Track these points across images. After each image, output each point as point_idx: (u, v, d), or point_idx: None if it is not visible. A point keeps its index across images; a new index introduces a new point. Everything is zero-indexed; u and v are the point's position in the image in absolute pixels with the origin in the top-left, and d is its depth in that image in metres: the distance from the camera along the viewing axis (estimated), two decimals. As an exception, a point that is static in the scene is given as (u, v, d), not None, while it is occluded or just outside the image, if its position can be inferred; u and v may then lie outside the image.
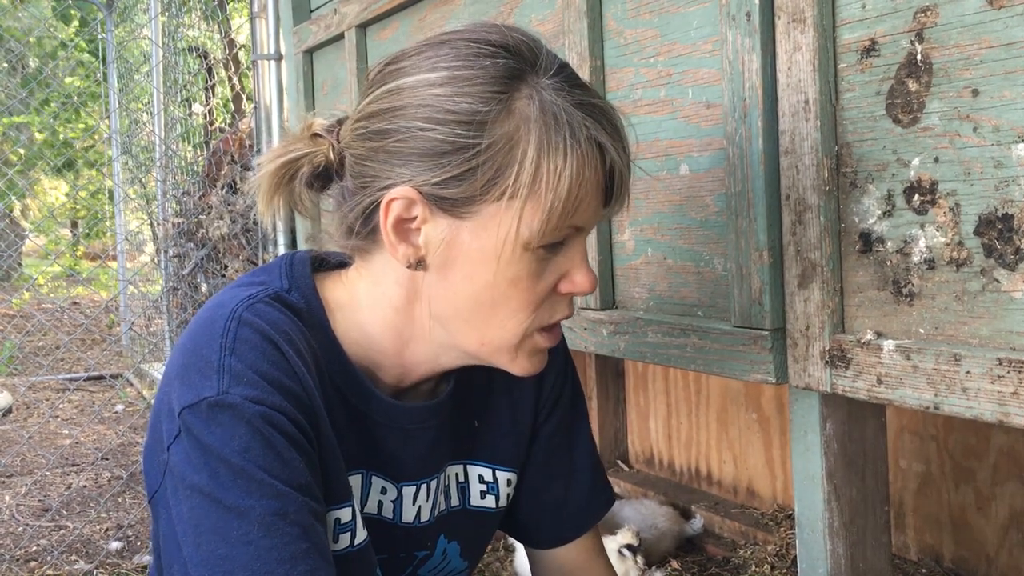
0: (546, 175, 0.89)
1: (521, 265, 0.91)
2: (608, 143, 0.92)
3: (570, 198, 0.90)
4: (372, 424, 1.00)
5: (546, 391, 1.16)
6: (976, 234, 0.97)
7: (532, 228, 0.90)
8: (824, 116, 1.12)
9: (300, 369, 0.90)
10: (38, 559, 2.86)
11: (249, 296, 0.93)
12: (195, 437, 0.84)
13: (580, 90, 0.93)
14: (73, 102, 8.32)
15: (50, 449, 4.05)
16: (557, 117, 0.89)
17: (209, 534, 0.83)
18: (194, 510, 0.84)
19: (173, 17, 4.73)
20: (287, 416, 0.87)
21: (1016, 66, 0.92)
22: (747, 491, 2.58)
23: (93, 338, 6.95)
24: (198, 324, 0.92)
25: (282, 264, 1.02)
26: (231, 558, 0.82)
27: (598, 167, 0.92)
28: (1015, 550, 1.91)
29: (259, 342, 0.88)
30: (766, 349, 1.20)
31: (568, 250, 0.94)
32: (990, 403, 0.95)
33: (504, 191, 0.89)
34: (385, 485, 1.03)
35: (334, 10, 2.48)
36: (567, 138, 0.89)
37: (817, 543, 1.21)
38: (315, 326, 0.97)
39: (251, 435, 0.84)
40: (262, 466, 0.84)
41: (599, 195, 0.94)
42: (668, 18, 1.38)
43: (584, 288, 0.95)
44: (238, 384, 0.85)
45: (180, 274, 4.00)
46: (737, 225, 1.24)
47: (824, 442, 1.20)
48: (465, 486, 1.12)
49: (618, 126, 0.94)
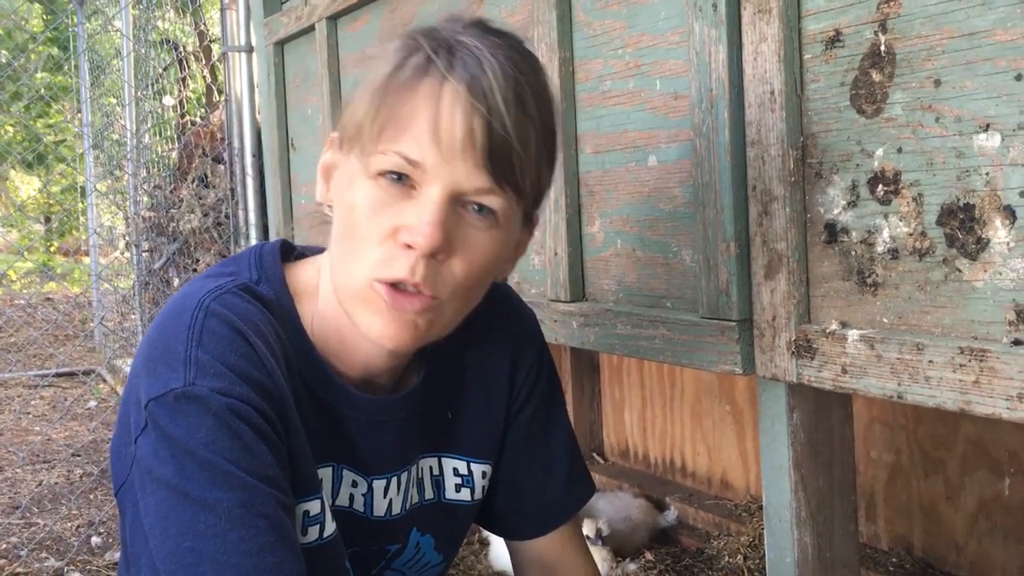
0: (361, 98, 0.90)
1: (362, 192, 0.89)
2: (445, 72, 0.86)
3: (377, 118, 0.88)
4: (340, 417, 1.00)
5: (519, 382, 1.16)
6: (939, 224, 0.97)
7: (354, 153, 0.91)
8: (790, 107, 1.12)
9: (268, 361, 0.89)
10: (8, 556, 2.83)
11: (217, 287, 0.92)
12: (161, 429, 0.83)
13: (470, 33, 0.90)
14: (44, 97, 8.22)
15: (21, 446, 4.00)
16: (398, 47, 0.90)
17: (176, 526, 0.82)
18: (161, 503, 0.83)
19: (144, 10, 4.68)
20: (254, 408, 0.86)
21: (977, 56, 0.92)
22: (721, 482, 2.59)
23: (66, 334, 6.88)
24: (166, 315, 0.91)
25: (252, 255, 1.01)
26: (198, 550, 0.81)
27: (429, 95, 0.86)
28: (984, 539, 1.93)
29: (227, 333, 0.88)
30: (733, 340, 1.20)
31: (418, 199, 0.88)
32: (952, 392, 0.95)
33: (346, 117, 0.92)
34: (356, 478, 1.03)
35: (304, 2, 2.46)
36: (386, 64, 0.89)
37: (784, 533, 1.22)
38: (283, 317, 0.96)
39: (218, 427, 0.83)
40: (229, 458, 0.83)
41: (433, 133, 0.86)
42: (636, 9, 1.38)
43: (413, 234, 0.87)
44: (205, 376, 0.84)
45: (152, 269, 3.97)
46: (704, 216, 1.24)
47: (791, 432, 1.20)
48: (440, 479, 1.12)
49: (480, 64, 0.86)
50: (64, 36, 7.85)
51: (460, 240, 0.89)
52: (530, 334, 1.18)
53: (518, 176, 0.89)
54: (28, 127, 9.24)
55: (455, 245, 0.89)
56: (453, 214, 0.88)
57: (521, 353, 1.15)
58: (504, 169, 0.88)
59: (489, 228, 0.91)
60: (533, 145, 0.90)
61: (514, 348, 1.15)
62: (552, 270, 1.58)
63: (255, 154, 3.07)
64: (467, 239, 0.90)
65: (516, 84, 0.87)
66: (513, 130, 0.87)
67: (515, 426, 1.16)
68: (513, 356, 1.15)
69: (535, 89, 0.90)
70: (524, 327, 1.18)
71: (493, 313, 1.13)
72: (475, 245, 0.90)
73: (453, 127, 0.86)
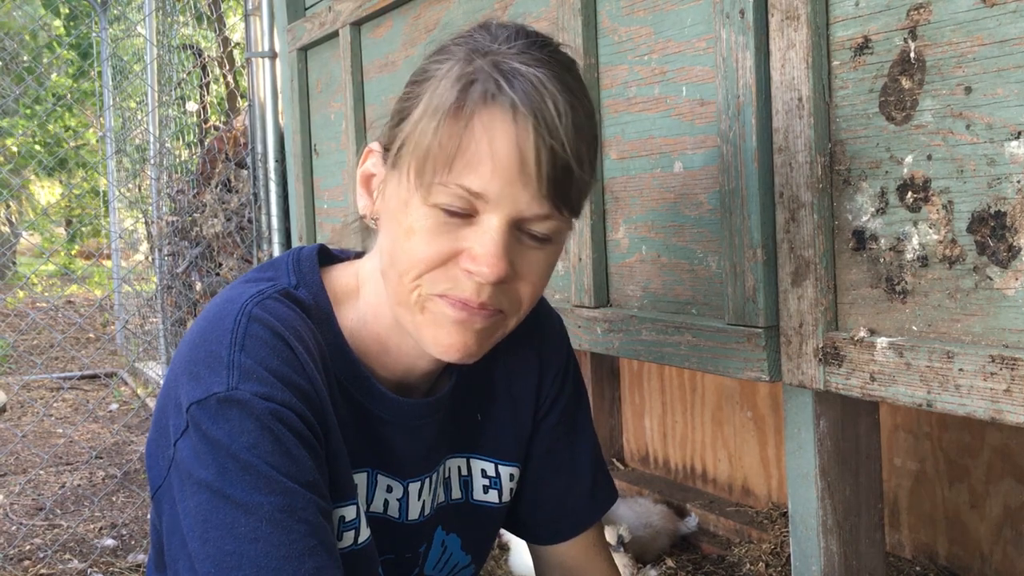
0: (419, 123, 0.89)
1: (419, 218, 0.90)
2: (509, 103, 0.86)
3: (441, 151, 0.87)
4: (377, 421, 1.00)
5: (546, 386, 1.16)
6: (969, 231, 0.97)
7: (411, 178, 0.90)
8: (818, 114, 1.12)
9: (309, 366, 0.90)
10: (32, 558, 2.85)
11: (259, 292, 0.93)
12: (203, 432, 0.84)
13: (524, 55, 0.89)
14: (66, 100, 8.29)
15: (44, 448, 4.04)
16: (458, 74, 0.89)
17: (216, 529, 0.82)
18: (201, 505, 0.83)
19: (168, 15, 4.72)
20: (296, 413, 0.87)
21: (1009, 63, 0.92)
22: (742, 489, 2.58)
23: (87, 337, 6.94)
24: (207, 320, 0.92)
25: (289, 259, 1.02)
26: (238, 553, 0.81)
27: (491, 127, 0.86)
28: (1009, 548, 1.91)
29: (269, 338, 0.88)
30: (760, 347, 1.20)
31: (479, 226, 0.89)
32: (983, 400, 0.95)
33: (402, 138, 0.92)
34: (391, 483, 1.03)
35: (328, 7, 2.47)
36: (447, 90, 0.88)
37: (811, 541, 1.21)
38: (322, 322, 0.97)
39: (260, 431, 0.84)
40: (270, 462, 0.83)
41: (497, 163, 0.86)
42: (662, 15, 1.38)
43: (477, 264, 0.88)
44: (248, 380, 0.85)
45: (174, 272, 4.00)
46: (731, 223, 1.24)
47: (817, 440, 1.20)
48: (468, 479, 1.12)
49: (542, 95, 0.86)
50: (85, 41, 7.91)
51: (522, 263, 0.92)
52: (558, 339, 1.19)
53: (574, 197, 0.91)
54: (49, 132, 9.32)
55: (517, 269, 0.91)
56: (513, 239, 0.90)
57: (549, 358, 1.16)
58: (563, 194, 0.89)
59: (544, 246, 0.93)
60: (588, 163, 0.91)
61: (542, 353, 1.16)
62: (576, 276, 1.58)
63: (278, 159, 3.09)
64: (527, 260, 0.92)
65: (573, 110, 0.88)
66: (574, 156, 0.88)
67: (541, 430, 1.17)
68: (541, 361, 1.16)
69: (587, 109, 0.92)
70: (552, 332, 1.19)
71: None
72: (535, 265, 0.93)
73: (518, 157, 0.86)
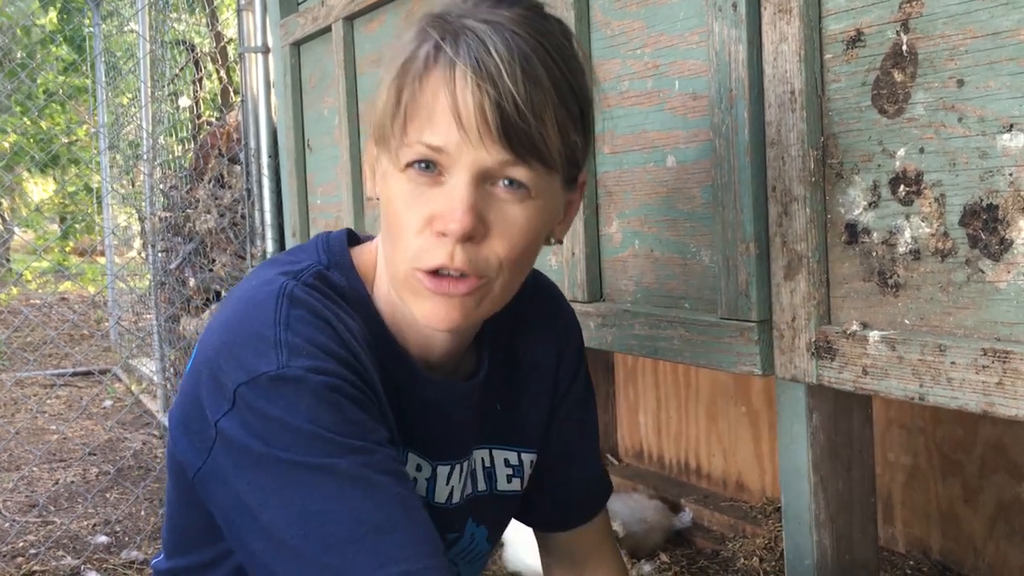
0: (381, 94, 0.92)
1: (395, 185, 0.91)
2: (453, 57, 0.87)
3: (398, 114, 0.89)
4: (413, 401, 1.01)
5: (562, 374, 1.18)
6: (961, 224, 0.97)
7: (384, 148, 0.92)
8: (810, 107, 1.11)
9: (352, 343, 0.91)
10: (25, 555, 2.85)
11: (295, 274, 0.94)
12: (258, 411, 0.84)
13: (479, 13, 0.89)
14: (59, 96, 8.27)
15: (37, 445, 4.03)
16: (409, 39, 0.91)
17: (297, 493, 0.82)
18: (272, 477, 0.83)
19: (160, 11, 4.70)
20: (348, 382, 0.87)
21: (1001, 56, 0.92)
22: (736, 484, 2.58)
23: (81, 333, 6.92)
24: (242, 301, 0.92)
25: (320, 242, 1.03)
26: (326, 512, 0.82)
27: (440, 83, 0.87)
28: (1002, 542, 1.92)
29: (311, 318, 0.89)
30: (752, 341, 1.20)
31: (447, 186, 0.89)
32: (975, 393, 0.95)
33: (375, 113, 0.93)
34: (420, 463, 1.04)
35: (321, 2, 2.46)
36: (399, 57, 0.91)
37: (803, 535, 1.21)
38: (357, 303, 0.98)
39: (318, 404, 0.84)
40: (335, 430, 0.84)
41: (449, 116, 0.87)
42: (655, 9, 1.38)
43: (444, 221, 0.88)
44: (298, 357, 0.85)
45: (168, 269, 3.98)
46: (724, 217, 1.23)
47: (810, 434, 1.20)
48: (492, 471, 1.13)
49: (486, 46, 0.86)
50: (78, 36, 7.89)
51: (495, 218, 0.90)
52: (573, 329, 1.21)
53: (540, 147, 0.88)
54: (41, 128, 9.29)
55: (490, 224, 0.90)
56: (483, 194, 0.89)
57: (565, 346, 1.18)
58: (523, 142, 0.88)
59: (523, 200, 0.91)
60: (551, 114, 0.89)
61: (559, 341, 1.17)
62: (569, 270, 1.58)
63: (271, 155, 3.08)
64: (502, 215, 0.90)
65: (524, 57, 0.87)
66: (525, 104, 0.86)
67: (557, 418, 1.18)
68: (559, 349, 1.17)
69: (547, 57, 0.89)
70: (568, 322, 1.20)
71: (542, 306, 1.16)
72: (512, 220, 0.91)
73: (467, 110, 0.86)
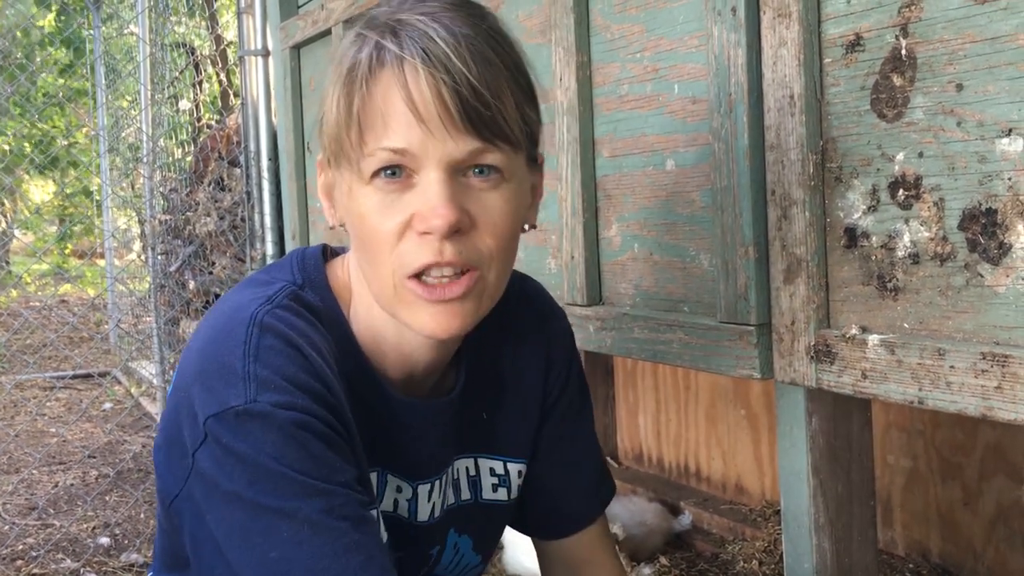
0: (330, 111, 0.90)
1: (364, 200, 0.89)
2: (399, 53, 0.86)
3: (352, 126, 0.88)
4: (387, 423, 1.00)
5: (552, 380, 1.16)
6: (960, 229, 0.97)
7: (345, 165, 0.90)
8: (809, 111, 1.12)
9: (324, 371, 0.89)
10: (24, 557, 2.84)
11: (267, 299, 0.92)
12: (225, 446, 0.83)
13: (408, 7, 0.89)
14: (57, 99, 8.26)
15: (37, 447, 4.02)
16: (347, 48, 0.90)
17: (259, 537, 0.82)
18: (237, 517, 0.83)
19: (160, 14, 4.70)
20: (318, 417, 0.86)
21: (1000, 60, 0.92)
22: (736, 487, 2.58)
23: (81, 336, 6.92)
24: (215, 329, 0.90)
25: (294, 260, 1.01)
26: (285, 559, 0.81)
27: (390, 82, 0.86)
28: (1002, 545, 1.92)
29: (282, 347, 0.87)
30: (752, 344, 1.20)
31: (419, 186, 0.88)
32: (974, 397, 0.95)
33: (326, 135, 0.92)
34: (400, 484, 1.03)
35: (321, 5, 2.47)
36: (342, 68, 0.89)
37: (803, 538, 1.21)
38: (332, 323, 0.96)
39: (284, 441, 0.83)
40: (299, 469, 0.83)
41: (406, 115, 0.86)
42: (654, 13, 1.38)
43: (427, 220, 0.86)
44: (265, 391, 0.84)
45: (167, 271, 3.99)
46: (723, 220, 1.24)
47: (810, 437, 1.20)
48: (477, 479, 1.12)
49: (429, 36, 0.86)
50: (78, 38, 7.89)
51: (476, 208, 0.89)
52: (563, 332, 1.18)
53: (504, 127, 0.88)
54: (40, 130, 9.29)
55: (473, 215, 0.89)
56: (459, 186, 0.88)
57: (554, 351, 1.16)
58: (488, 125, 0.87)
59: (498, 185, 0.90)
60: (507, 91, 0.88)
61: (548, 346, 1.15)
62: (568, 274, 1.58)
63: (271, 157, 3.08)
64: (482, 204, 0.89)
65: (468, 40, 0.86)
66: (481, 84, 0.86)
67: (547, 425, 1.17)
68: (547, 354, 1.15)
69: (488, 38, 0.89)
70: (557, 325, 1.18)
71: (528, 311, 1.14)
72: (492, 207, 0.90)
73: (424, 102, 0.85)
